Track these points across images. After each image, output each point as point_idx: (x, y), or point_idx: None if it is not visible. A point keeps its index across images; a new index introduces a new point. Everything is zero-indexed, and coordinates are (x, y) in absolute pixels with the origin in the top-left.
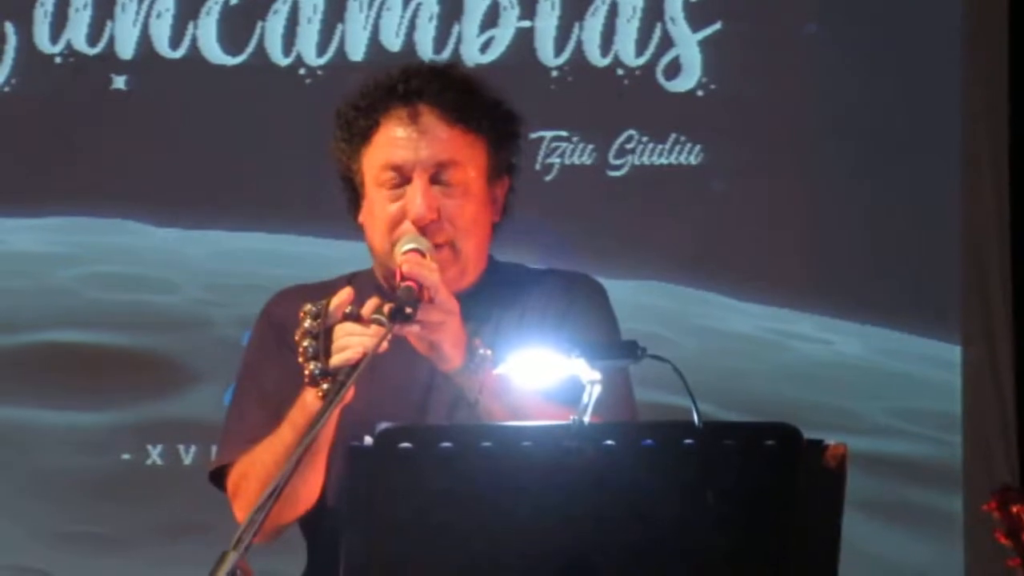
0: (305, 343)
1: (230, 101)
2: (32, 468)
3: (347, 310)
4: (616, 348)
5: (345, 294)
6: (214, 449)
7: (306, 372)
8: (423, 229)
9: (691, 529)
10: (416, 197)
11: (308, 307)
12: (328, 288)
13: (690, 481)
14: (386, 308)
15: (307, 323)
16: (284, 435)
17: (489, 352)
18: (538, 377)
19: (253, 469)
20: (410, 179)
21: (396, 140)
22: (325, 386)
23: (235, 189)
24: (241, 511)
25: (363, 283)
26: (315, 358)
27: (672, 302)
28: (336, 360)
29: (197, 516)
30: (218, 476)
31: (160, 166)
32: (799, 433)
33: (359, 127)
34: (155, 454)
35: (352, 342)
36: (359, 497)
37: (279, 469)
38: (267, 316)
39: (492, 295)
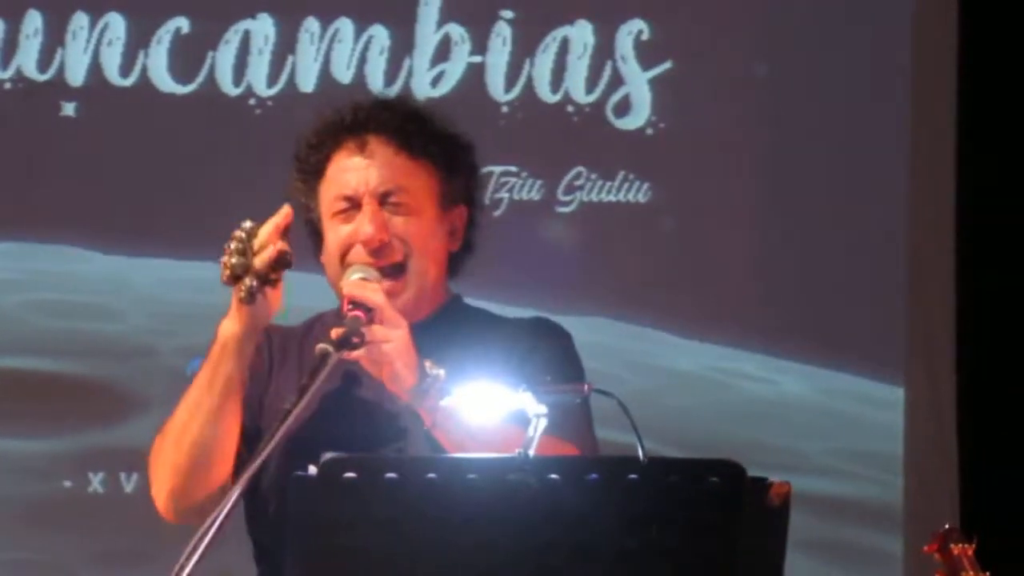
0: (233, 259)
1: (179, 130)
2: None
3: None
4: (561, 382)
5: (282, 215)
6: None
7: (225, 273)
8: (374, 252)
9: (635, 563)
10: (365, 219)
11: (239, 230)
12: (287, 330)
13: (634, 515)
14: (333, 334)
15: (235, 242)
16: (200, 378)
17: (441, 372)
18: (485, 410)
19: (168, 425)
20: (360, 206)
21: (346, 170)
22: (246, 283)
23: (182, 217)
24: (154, 471)
25: (331, 322)
26: (238, 255)
27: (618, 339)
28: (260, 258)
29: (138, 544)
30: None
31: (108, 193)
32: (743, 470)
33: (312, 163)
34: (96, 482)
35: (267, 239)
36: (302, 526)
37: (190, 416)
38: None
39: (452, 331)
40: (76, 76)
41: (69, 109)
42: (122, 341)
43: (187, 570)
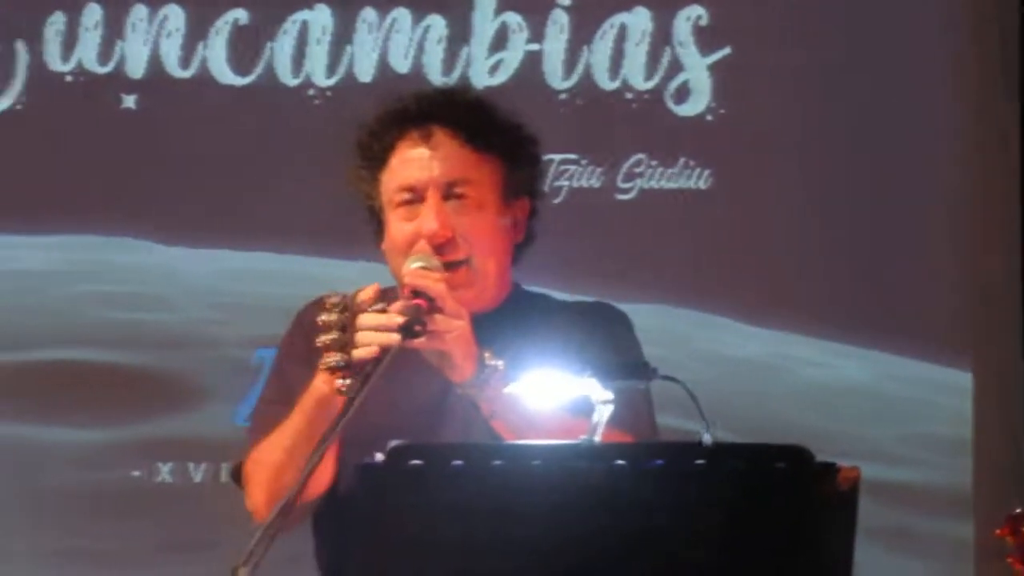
0: (327, 336)
1: (238, 121)
2: (41, 486)
3: (373, 306)
4: (627, 368)
5: (372, 289)
6: (224, 467)
7: (324, 361)
8: (438, 248)
9: (700, 550)
10: (429, 214)
11: (332, 298)
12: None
13: (699, 501)
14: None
15: (330, 315)
16: (294, 421)
17: (500, 363)
18: (549, 396)
19: (263, 455)
20: (424, 198)
21: (410, 161)
22: (342, 381)
23: (241, 208)
24: (250, 497)
25: (389, 301)
26: (336, 349)
27: (680, 326)
28: (359, 353)
29: (207, 533)
30: (239, 473)
31: (167, 185)
32: (811, 455)
33: (374, 151)
34: (165, 471)
35: (374, 338)
36: (368, 514)
37: (287, 455)
38: (299, 320)
39: (515, 322)
40: (136, 68)
41: (129, 102)
42: (184, 332)
43: (256, 558)
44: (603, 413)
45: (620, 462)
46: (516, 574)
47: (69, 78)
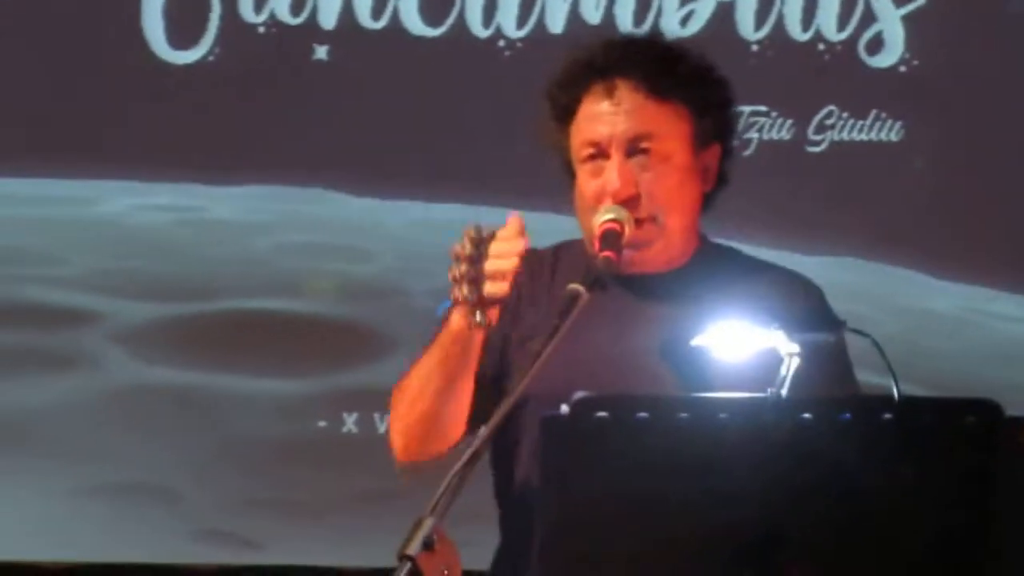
0: (458, 268)
1: (430, 72)
2: (228, 434)
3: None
4: (816, 322)
5: (513, 223)
6: None
7: (452, 294)
8: (623, 204)
9: (887, 504)
10: (612, 172)
11: (471, 230)
12: (536, 254)
13: (888, 456)
14: (593, 268)
15: (464, 247)
16: (431, 353)
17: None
18: (736, 349)
19: (405, 383)
20: (608, 154)
21: (594, 115)
22: (473, 316)
23: (433, 160)
24: (392, 425)
25: (573, 253)
26: (467, 281)
27: (870, 280)
28: (488, 289)
29: (392, 484)
30: None
31: (359, 136)
32: (1000, 409)
33: (562, 105)
34: (351, 422)
35: (497, 265)
36: (554, 467)
37: (420, 387)
38: None
39: (704, 277)
40: (328, 19)
41: (321, 53)
42: (374, 283)
43: (442, 508)
44: (791, 366)
45: (807, 416)
46: (701, 527)
47: (261, 29)
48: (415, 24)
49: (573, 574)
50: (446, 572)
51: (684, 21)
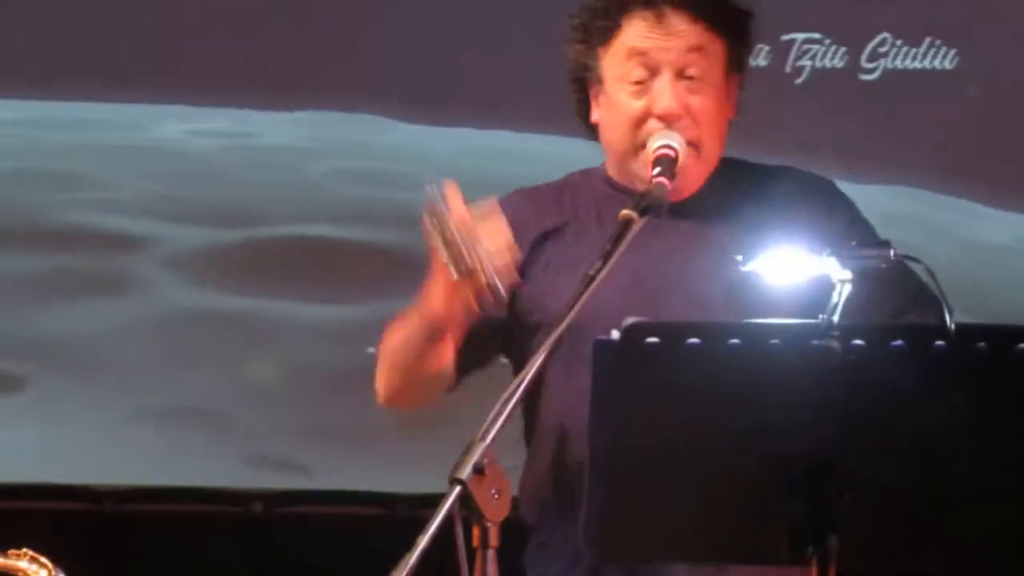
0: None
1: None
2: (280, 359)
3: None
4: (869, 249)
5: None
6: None
7: (462, 268)
8: (670, 126)
9: (938, 431)
10: (665, 91)
11: (454, 216)
12: (552, 188)
13: (940, 383)
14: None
15: (457, 231)
16: (415, 321)
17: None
18: (788, 275)
19: (388, 334)
20: (656, 75)
21: (644, 36)
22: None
23: (484, 88)
24: (377, 372)
25: (594, 180)
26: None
27: (922, 208)
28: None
29: (442, 409)
30: None
31: (412, 63)
32: None
33: (598, 28)
34: None
35: (502, 241)
36: (605, 391)
37: (403, 344)
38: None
39: (729, 191)
40: None
41: None
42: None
43: (493, 433)
44: (843, 292)
45: (859, 342)
46: (751, 453)
47: None
48: None
49: (622, 498)
50: (496, 496)
51: None
